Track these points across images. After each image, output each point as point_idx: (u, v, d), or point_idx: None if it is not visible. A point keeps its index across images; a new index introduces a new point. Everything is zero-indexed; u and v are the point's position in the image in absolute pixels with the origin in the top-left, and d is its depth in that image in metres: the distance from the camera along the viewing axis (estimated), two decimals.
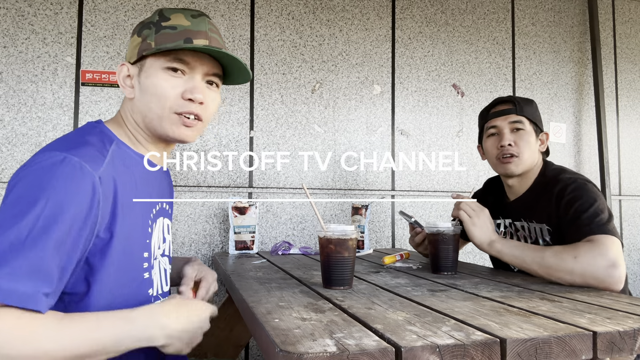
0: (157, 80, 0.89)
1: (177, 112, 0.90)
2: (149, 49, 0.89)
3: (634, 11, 2.99)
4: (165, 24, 0.91)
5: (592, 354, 0.69)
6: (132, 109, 0.93)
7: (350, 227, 1.05)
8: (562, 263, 1.12)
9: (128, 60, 0.95)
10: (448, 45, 2.55)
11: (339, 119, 2.32)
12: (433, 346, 0.63)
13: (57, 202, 0.71)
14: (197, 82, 0.91)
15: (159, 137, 0.95)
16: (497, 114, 1.44)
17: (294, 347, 0.61)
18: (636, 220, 2.87)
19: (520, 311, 0.84)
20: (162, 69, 0.90)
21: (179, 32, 0.90)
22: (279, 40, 2.26)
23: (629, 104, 2.93)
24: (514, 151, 1.40)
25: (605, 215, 1.21)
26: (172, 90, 0.90)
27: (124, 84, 0.94)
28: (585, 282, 1.09)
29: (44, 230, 0.69)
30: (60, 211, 0.71)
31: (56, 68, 1.95)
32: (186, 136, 0.93)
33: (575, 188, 1.28)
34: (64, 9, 1.97)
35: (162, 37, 0.89)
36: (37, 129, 1.92)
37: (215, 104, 0.97)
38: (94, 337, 0.69)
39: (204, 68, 0.92)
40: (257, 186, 2.18)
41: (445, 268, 1.30)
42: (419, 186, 2.45)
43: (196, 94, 0.90)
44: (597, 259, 1.08)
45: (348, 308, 0.85)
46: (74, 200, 0.73)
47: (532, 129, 1.42)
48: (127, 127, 0.94)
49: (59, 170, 0.73)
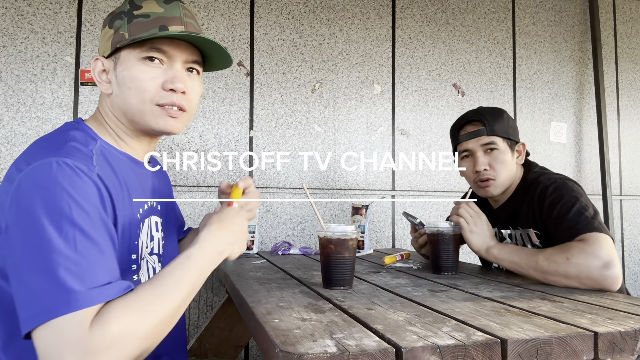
0: (134, 73, 0.85)
1: (159, 104, 0.87)
2: (123, 41, 0.85)
3: (635, 10, 2.99)
4: (137, 12, 0.86)
5: (593, 354, 0.69)
6: (112, 105, 0.90)
7: (350, 227, 1.05)
8: (556, 267, 1.11)
9: (102, 54, 0.90)
10: (448, 45, 2.54)
11: (339, 119, 2.32)
12: (433, 347, 0.62)
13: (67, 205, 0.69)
14: (177, 71, 0.87)
15: (142, 131, 0.91)
16: (468, 136, 1.38)
17: (294, 348, 0.61)
18: (637, 220, 2.87)
19: (521, 311, 0.84)
20: (139, 60, 0.85)
21: (152, 19, 0.86)
22: (278, 39, 2.25)
23: (630, 103, 2.93)
24: (490, 175, 1.36)
25: (590, 211, 1.19)
26: (152, 81, 0.86)
27: (100, 79, 0.89)
28: (582, 283, 1.08)
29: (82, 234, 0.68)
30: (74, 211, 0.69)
31: (55, 67, 1.95)
32: (172, 127, 0.89)
33: (556, 189, 1.26)
34: (63, 8, 1.97)
35: (135, 26, 0.85)
36: (37, 128, 1.92)
37: (197, 92, 0.93)
38: (187, 279, 0.73)
39: (182, 55, 0.88)
40: (257, 186, 2.18)
41: (445, 268, 1.30)
42: (419, 186, 2.45)
43: (177, 83, 0.86)
44: (590, 260, 1.07)
45: (348, 308, 0.85)
46: (86, 198, 0.71)
47: (506, 146, 1.36)
48: (107, 124, 0.91)
49: (58, 176, 0.70)
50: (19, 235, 0.68)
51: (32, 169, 0.71)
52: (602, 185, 2.70)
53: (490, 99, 2.60)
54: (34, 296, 0.64)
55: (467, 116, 1.43)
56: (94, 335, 0.62)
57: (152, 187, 1.00)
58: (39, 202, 0.68)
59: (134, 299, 0.67)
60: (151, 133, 0.92)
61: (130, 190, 0.88)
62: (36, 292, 0.64)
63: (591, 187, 2.79)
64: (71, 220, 0.68)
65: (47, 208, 0.68)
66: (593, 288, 1.07)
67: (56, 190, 0.69)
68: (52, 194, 0.69)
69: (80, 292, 0.64)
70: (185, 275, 0.73)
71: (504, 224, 1.43)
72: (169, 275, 0.72)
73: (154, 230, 0.98)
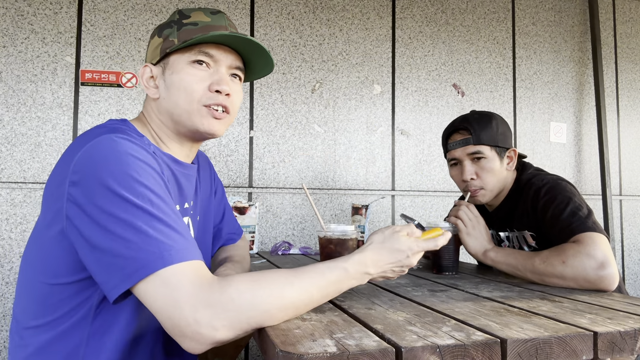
0: (183, 75, 0.90)
1: (206, 105, 0.91)
2: (173, 46, 0.90)
3: (635, 11, 2.99)
4: (186, 21, 0.92)
5: (593, 354, 0.69)
6: (158, 109, 0.94)
7: (350, 227, 1.05)
8: (552, 269, 1.11)
9: (150, 62, 0.95)
10: (448, 45, 2.55)
11: (339, 119, 2.32)
12: (433, 346, 0.63)
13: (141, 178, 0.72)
14: (222, 74, 0.93)
15: (186, 134, 0.95)
16: (455, 145, 1.39)
17: (294, 348, 0.61)
18: (636, 220, 2.87)
19: (520, 311, 0.84)
20: (188, 63, 0.91)
21: (200, 27, 0.91)
22: (278, 39, 2.25)
23: (630, 103, 2.93)
24: (477, 184, 1.37)
25: (584, 211, 1.19)
26: (200, 83, 0.90)
27: (148, 84, 0.94)
28: (579, 285, 1.08)
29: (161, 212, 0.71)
30: (144, 181, 0.72)
31: (55, 68, 1.95)
32: (216, 130, 0.93)
33: (549, 190, 1.26)
34: (64, 8, 1.97)
35: (185, 33, 0.91)
36: (37, 128, 1.92)
37: (240, 96, 0.98)
38: (320, 285, 0.75)
39: (227, 60, 0.94)
40: (257, 186, 2.18)
41: (446, 268, 1.30)
42: (419, 186, 2.45)
43: (223, 85, 0.91)
44: (585, 262, 1.07)
45: (348, 308, 0.85)
46: (147, 168, 0.74)
47: (494, 154, 1.36)
48: (151, 127, 0.95)
49: (119, 146, 0.73)
50: (96, 207, 0.69)
51: (93, 145, 0.74)
52: (602, 185, 2.70)
53: (490, 99, 2.61)
54: (130, 255, 0.65)
55: (455, 124, 1.43)
56: (215, 289, 0.65)
57: (188, 186, 1.01)
58: (109, 172, 0.70)
59: (261, 276, 0.70)
60: (195, 135, 0.95)
61: (169, 188, 0.90)
62: (131, 251, 0.66)
63: (591, 187, 2.79)
64: (149, 189, 0.71)
65: (120, 176, 0.70)
66: (590, 289, 1.07)
67: (127, 159, 0.72)
68: (122, 162, 0.72)
69: (184, 247, 0.67)
70: (320, 281, 0.75)
71: (500, 226, 1.43)
72: (305, 272, 0.75)
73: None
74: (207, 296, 0.64)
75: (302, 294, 0.72)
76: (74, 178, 0.72)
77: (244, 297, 0.66)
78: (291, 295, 0.71)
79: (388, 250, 0.84)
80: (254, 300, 0.66)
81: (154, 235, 0.67)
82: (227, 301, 0.65)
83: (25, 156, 1.90)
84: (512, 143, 1.42)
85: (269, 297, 0.68)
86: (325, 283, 0.76)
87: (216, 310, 0.64)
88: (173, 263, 0.65)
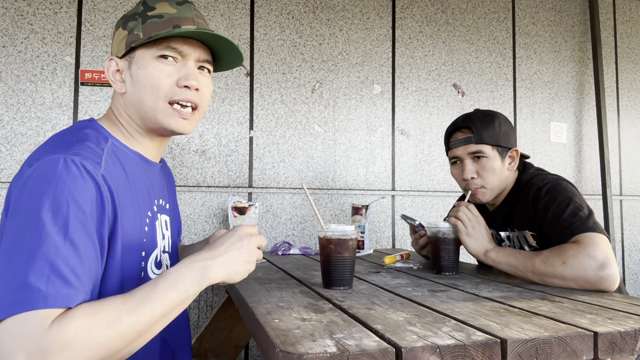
0: (150, 70, 0.88)
1: (173, 100, 0.89)
2: (138, 40, 0.88)
3: (635, 10, 2.99)
4: (151, 13, 0.90)
5: (593, 354, 0.69)
6: (125, 103, 0.92)
7: (350, 227, 1.05)
8: (552, 270, 1.11)
9: (115, 55, 0.93)
10: (448, 45, 2.55)
11: (339, 119, 2.32)
12: (433, 347, 0.62)
13: (66, 204, 0.70)
14: (190, 68, 0.90)
15: (153, 130, 0.93)
16: (457, 144, 1.39)
17: (294, 348, 0.61)
18: (637, 220, 2.87)
19: (521, 311, 0.84)
20: (154, 58, 0.88)
21: (166, 19, 0.89)
22: (278, 39, 2.25)
23: (630, 103, 2.93)
24: (478, 183, 1.37)
25: (585, 211, 1.19)
26: (167, 78, 0.88)
27: (114, 78, 0.92)
28: (579, 285, 1.08)
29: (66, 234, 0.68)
30: (71, 213, 0.70)
31: (55, 68, 1.95)
32: (182, 128, 0.91)
33: (549, 189, 1.26)
34: (63, 8, 1.97)
35: (149, 26, 0.88)
36: (36, 128, 1.92)
37: (209, 90, 0.96)
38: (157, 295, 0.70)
39: (195, 54, 0.91)
40: (257, 186, 2.18)
41: (446, 268, 1.30)
42: (419, 186, 2.45)
43: (191, 80, 0.89)
44: (585, 262, 1.06)
45: (348, 308, 0.85)
46: (84, 201, 0.72)
47: (495, 153, 1.36)
48: (120, 123, 0.93)
49: (63, 173, 0.72)
50: (14, 222, 0.70)
51: (41, 164, 0.73)
52: (602, 185, 2.70)
53: (490, 99, 2.61)
54: (10, 285, 0.64)
55: (457, 122, 1.42)
56: (50, 335, 0.62)
57: (160, 185, 1.02)
58: (39, 195, 0.70)
59: (99, 307, 0.66)
60: (162, 132, 0.94)
61: (141, 188, 0.90)
62: (7, 285, 0.65)
63: (591, 187, 2.79)
64: (64, 222, 0.68)
65: (43, 203, 0.69)
66: (591, 289, 1.07)
67: (58, 188, 0.70)
68: (53, 191, 0.70)
69: (46, 292, 0.64)
70: (156, 292, 0.71)
71: (501, 225, 1.43)
72: (140, 290, 0.71)
73: (164, 228, 0.99)
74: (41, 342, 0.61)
75: (141, 316, 0.68)
76: (15, 194, 0.73)
77: (78, 335, 0.62)
78: (131, 320, 0.67)
79: (222, 238, 0.83)
80: (90, 337, 0.63)
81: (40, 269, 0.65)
82: (61, 344, 0.61)
83: (25, 156, 1.90)
84: (515, 143, 1.41)
85: (106, 330, 0.64)
86: (161, 293, 0.71)
87: (51, 355, 0.61)
88: (34, 308, 0.62)
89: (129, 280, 0.85)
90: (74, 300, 0.66)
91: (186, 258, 0.78)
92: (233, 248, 0.82)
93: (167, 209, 1.03)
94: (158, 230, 0.95)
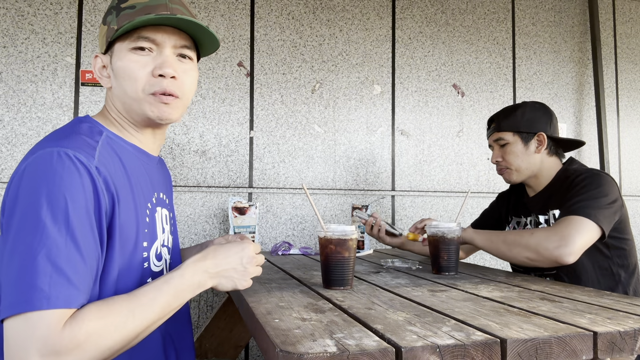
0: (126, 63, 0.87)
1: (151, 93, 0.88)
2: (114, 33, 0.87)
3: (635, 11, 2.99)
4: (124, 5, 0.88)
5: (593, 354, 0.69)
6: (113, 98, 0.92)
7: (350, 227, 1.05)
8: (519, 238, 1.21)
9: (100, 52, 0.93)
10: (448, 45, 2.55)
11: (339, 119, 2.32)
12: (433, 346, 0.63)
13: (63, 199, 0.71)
14: (166, 56, 0.88)
15: (141, 122, 0.92)
16: (488, 133, 1.58)
17: (294, 347, 0.61)
18: (637, 220, 2.87)
19: (520, 311, 0.84)
20: (129, 51, 0.87)
21: (137, 10, 0.87)
22: (279, 40, 2.26)
23: (630, 104, 2.93)
24: (503, 165, 1.53)
25: (601, 202, 1.24)
26: (142, 69, 0.87)
27: (101, 74, 0.93)
28: (538, 254, 1.15)
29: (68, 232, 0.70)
30: (70, 208, 0.71)
31: (56, 68, 1.95)
32: (167, 114, 0.89)
33: (588, 176, 1.34)
34: (64, 9, 1.97)
35: (122, 18, 0.87)
36: (37, 129, 1.92)
37: (191, 77, 0.93)
38: (160, 301, 0.75)
39: (170, 41, 0.88)
40: (257, 186, 2.18)
41: (446, 268, 1.30)
42: (419, 186, 2.45)
43: (165, 68, 0.87)
44: (551, 235, 1.15)
45: (348, 308, 0.85)
46: (80, 194, 0.72)
47: (517, 138, 1.49)
48: (113, 117, 0.93)
49: (57, 167, 0.72)
50: (15, 221, 0.70)
51: (34, 158, 0.74)
52: None
53: (490, 100, 2.61)
54: (17, 285, 0.65)
55: (492, 115, 1.59)
56: (64, 337, 0.64)
57: (158, 179, 1.01)
58: (35, 191, 0.71)
59: (108, 311, 0.69)
60: (149, 122, 0.93)
61: (139, 179, 0.90)
62: (11, 284, 0.66)
63: None
64: (64, 220, 0.70)
65: (41, 200, 0.70)
66: (547, 259, 1.13)
67: (53, 183, 0.71)
68: (50, 186, 0.71)
69: (49, 292, 0.65)
70: (160, 298, 0.75)
71: (540, 209, 1.49)
72: (145, 294, 0.75)
73: (164, 222, 0.99)
74: (54, 343, 0.63)
75: (144, 321, 0.72)
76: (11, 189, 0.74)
77: (88, 336, 0.66)
78: (135, 323, 0.71)
79: (225, 248, 0.87)
80: (99, 339, 0.67)
81: (43, 270, 0.66)
82: (73, 345, 0.64)
83: None
84: (546, 128, 1.50)
85: (113, 333, 0.68)
86: (164, 300, 0.76)
87: (62, 355, 0.64)
88: (42, 308, 0.64)
89: (132, 271, 0.85)
90: (76, 300, 0.67)
91: (190, 264, 0.81)
92: (235, 263, 0.86)
93: (167, 204, 1.02)
94: (158, 222, 0.95)
